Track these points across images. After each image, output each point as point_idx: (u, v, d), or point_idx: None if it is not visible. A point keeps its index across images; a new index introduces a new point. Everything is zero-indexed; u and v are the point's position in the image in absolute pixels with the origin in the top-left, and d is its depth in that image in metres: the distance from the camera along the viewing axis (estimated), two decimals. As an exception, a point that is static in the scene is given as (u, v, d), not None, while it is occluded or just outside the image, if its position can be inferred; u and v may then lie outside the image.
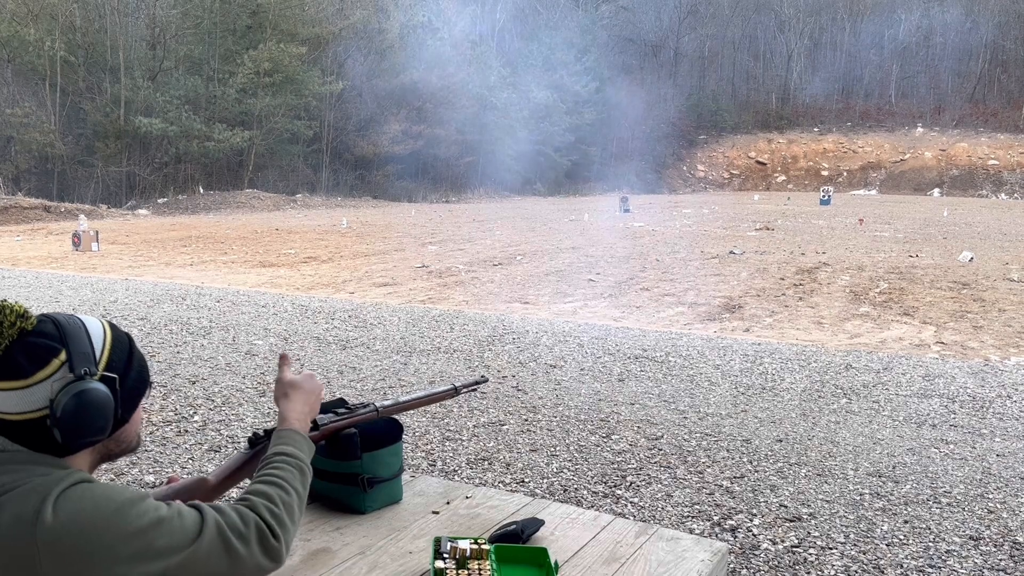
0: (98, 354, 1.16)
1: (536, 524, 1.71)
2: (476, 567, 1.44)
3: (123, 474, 3.94)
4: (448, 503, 1.88)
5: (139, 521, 1.06)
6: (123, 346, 1.21)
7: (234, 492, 1.98)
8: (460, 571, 1.43)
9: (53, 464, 1.11)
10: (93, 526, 1.03)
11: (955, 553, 3.32)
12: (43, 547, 1.01)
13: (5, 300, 1.12)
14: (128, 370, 1.20)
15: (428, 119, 40.75)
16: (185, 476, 3.92)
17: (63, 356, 1.11)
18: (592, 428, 4.87)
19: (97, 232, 16.22)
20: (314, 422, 1.66)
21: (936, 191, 53.78)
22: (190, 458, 4.23)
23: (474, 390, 2.04)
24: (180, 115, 31.29)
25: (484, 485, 3.95)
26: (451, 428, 4.80)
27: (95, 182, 30.93)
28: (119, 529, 1.04)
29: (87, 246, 15.36)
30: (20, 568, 1.01)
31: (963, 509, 3.77)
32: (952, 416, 5.31)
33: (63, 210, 24.91)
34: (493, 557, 1.49)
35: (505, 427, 4.86)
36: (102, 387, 1.13)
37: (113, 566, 1.03)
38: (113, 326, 1.22)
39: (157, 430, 4.66)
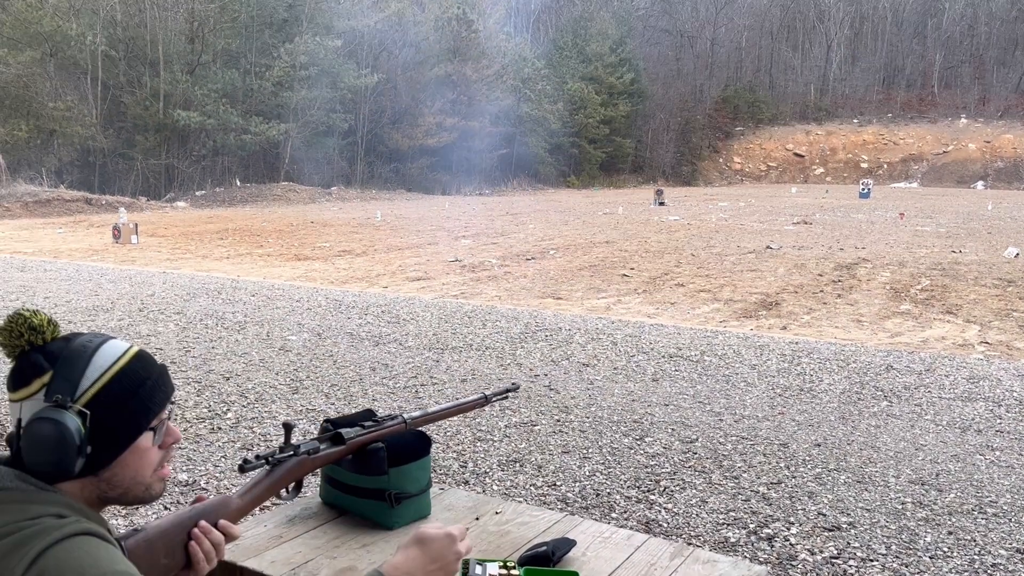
0: (86, 385, 1.08)
1: (567, 545, 1.66)
2: (505, 593, 1.40)
3: (157, 472, 3.96)
4: (477, 519, 1.84)
5: None
6: (129, 383, 1.12)
7: (257, 511, 1.95)
8: (488, 597, 1.39)
9: (54, 502, 1.04)
10: None
11: (1001, 567, 3.21)
12: None
13: (27, 311, 1.09)
14: (115, 409, 1.10)
15: (462, 111, 40.76)
16: (220, 476, 3.94)
17: (46, 379, 1.07)
18: (625, 430, 4.80)
19: (136, 225, 16.46)
20: (339, 435, 1.62)
21: (980, 184, 52.60)
22: (223, 456, 4.24)
23: (504, 398, 1.99)
24: (218, 108, 31.63)
25: (515, 488, 3.91)
26: (482, 428, 4.76)
27: (135, 175, 31.41)
28: None
29: (127, 239, 15.59)
30: None
31: (1010, 520, 3.65)
32: (998, 421, 5.16)
33: (104, 202, 25.34)
34: (522, 582, 1.44)
35: (537, 428, 4.81)
36: (69, 420, 1.04)
37: None
38: (138, 359, 1.14)
39: (191, 427, 4.68)
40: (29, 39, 29.33)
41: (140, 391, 1.13)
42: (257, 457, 1.48)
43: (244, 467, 1.46)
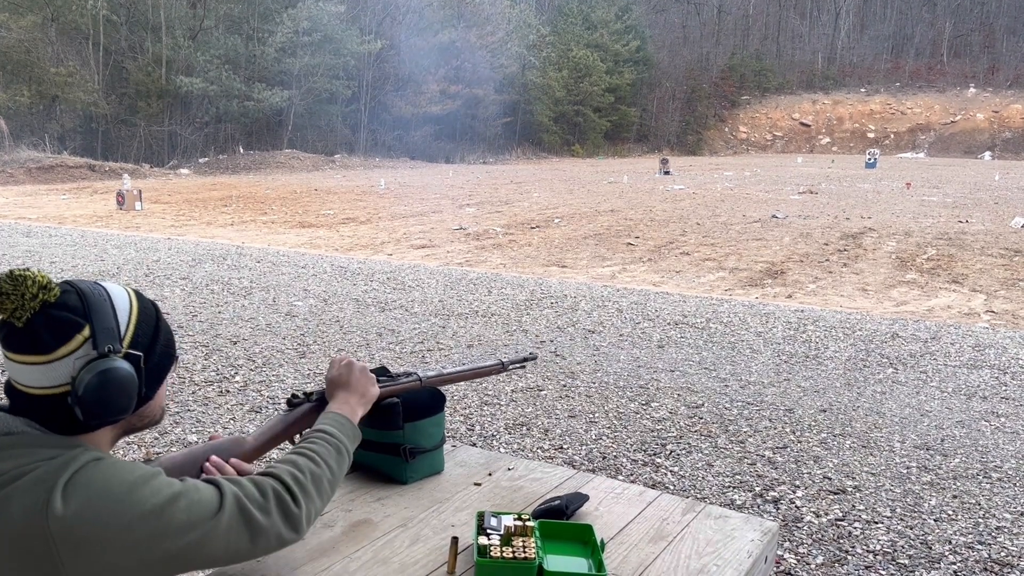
0: (123, 329, 1.10)
1: (580, 499, 1.67)
2: (521, 544, 1.41)
3: (166, 433, 4.00)
4: (490, 474, 1.85)
5: (154, 499, 1.02)
6: (149, 319, 1.16)
7: (275, 453, 1.96)
8: (504, 548, 1.40)
9: (61, 445, 1.05)
10: (106, 511, 0.99)
11: (1005, 530, 3.24)
12: (58, 539, 0.97)
13: (28, 269, 1.06)
14: (153, 346, 1.15)
15: (466, 79, 40.45)
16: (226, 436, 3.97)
17: (87, 332, 1.06)
18: (631, 395, 4.82)
19: (140, 191, 16.43)
20: None
21: (987, 154, 52.25)
22: (232, 418, 4.27)
23: (522, 367, 1.99)
24: (220, 74, 31.41)
25: (522, 451, 3.94)
26: (489, 392, 4.78)
27: (138, 141, 31.30)
28: (133, 510, 1.00)
29: (131, 205, 15.57)
30: (38, 560, 0.97)
31: (1014, 485, 3.67)
32: (1003, 388, 5.17)
33: (107, 169, 25.28)
34: (538, 534, 1.45)
35: (543, 393, 4.83)
36: (126, 365, 1.08)
37: (133, 548, 1.00)
38: (139, 296, 1.16)
39: (200, 390, 4.71)
40: (30, 3, 29.08)
41: (159, 324, 1.18)
42: (301, 395, 1.53)
43: (293, 402, 1.51)
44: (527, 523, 1.46)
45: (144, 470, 1.06)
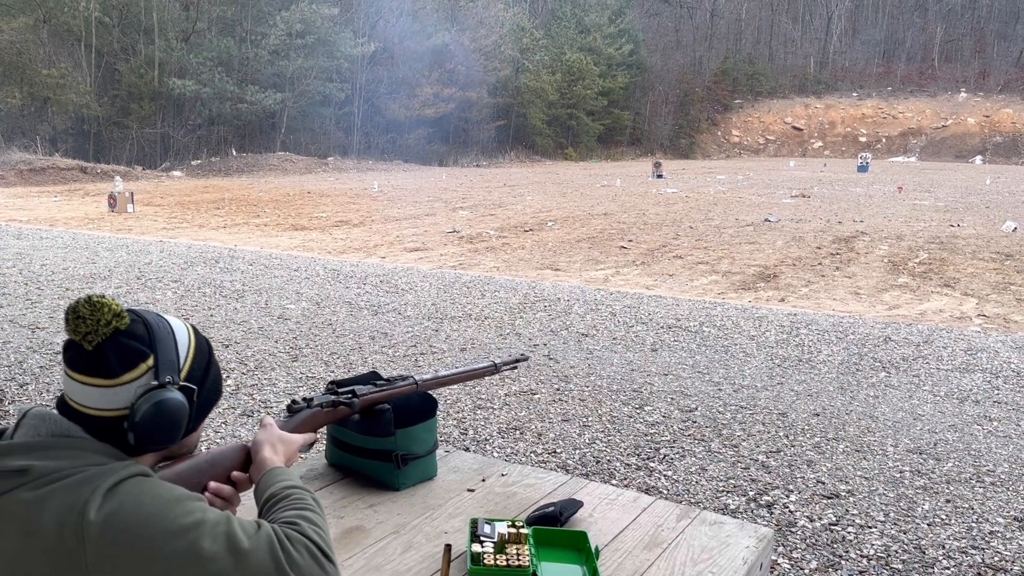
0: (182, 362, 1.15)
1: (575, 506, 1.66)
2: (515, 551, 1.40)
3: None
4: (483, 480, 1.84)
5: (183, 519, 1.02)
6: (203, 355, 1.21)
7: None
8: (498, 555, 1.39)
9: (113, 455, 1.09)
10: (136, 521, 1.00)
11: (999, 534, 3.24)
12: (88, 540, 0.99)
13: (104, 297, 1.11)
14: (205, 380, 1.20)
15: (460, 82, 40.42)
16: (220, 441, 3.94)
17: (151, 361, 1.11)
18: (625, 399, 4.81)
19: (132, 193, 16.36)
20: (353, 391, 1.63)
21: (978, 158, 52.50)
22: (223, 422, 4.25)
23: (514, 368, 2.00)
24: (213, 77, 31.31)
25: (516, 455, 3.92)
26: (482, 396, 4.77)
27: (130, 143, 31.17)
28: (162, 525, 1.01)
29: (123, 207, 15.51)
30: (66, 558, 0.99)
31: (1007, 489, 3.67)
32: (996, 392, 5.18)
33: (99, 171, 25.16)
34: (532, 541, 1.44)
35: (537, 396, 4.82)
36: (181, 397, 1.13)
37: (156, 563, 1.00)
38: (196, 332, 1.21)
39: (191, 393, 4.68)
40: (22, 4, 28.96)
41: (211, 360, 1.22)
42: (301, 400, 1.53)
43: (294, 408, 1.51)
44: (521, 530, 1.45)
45: (183, 492, 1.07)
